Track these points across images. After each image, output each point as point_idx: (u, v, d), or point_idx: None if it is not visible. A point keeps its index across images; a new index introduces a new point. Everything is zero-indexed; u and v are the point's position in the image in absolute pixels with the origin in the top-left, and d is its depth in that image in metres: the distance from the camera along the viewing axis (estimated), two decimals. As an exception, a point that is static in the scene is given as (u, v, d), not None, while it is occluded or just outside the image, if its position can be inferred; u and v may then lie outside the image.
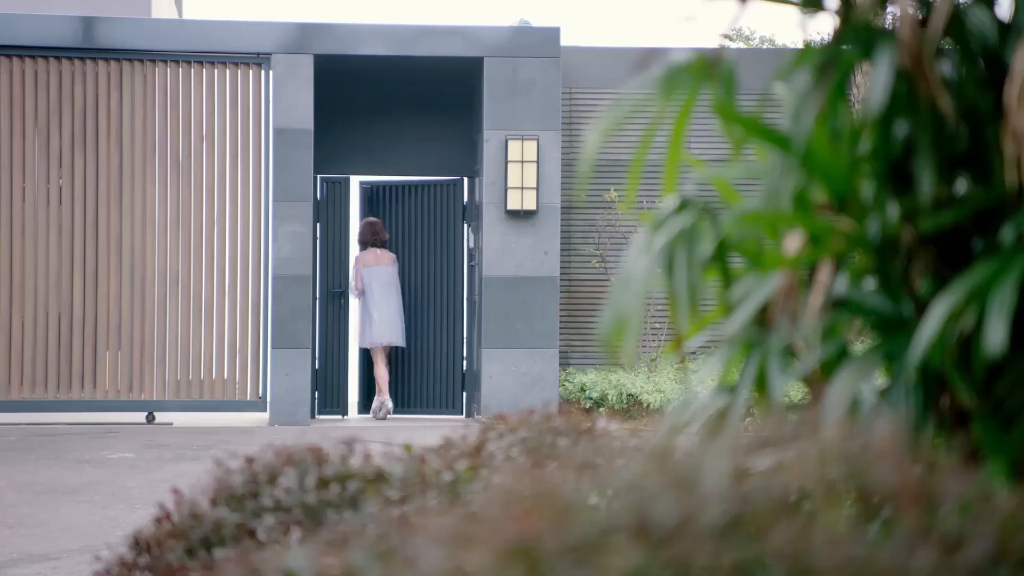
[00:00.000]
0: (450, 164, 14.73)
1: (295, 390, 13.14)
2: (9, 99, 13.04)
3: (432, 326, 14.50)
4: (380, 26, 13.39)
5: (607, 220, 14.07)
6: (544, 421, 3.38)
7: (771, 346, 2.30)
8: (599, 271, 14.13)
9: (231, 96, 13.34)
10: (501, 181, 13.36)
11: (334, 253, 14.42)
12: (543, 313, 13.34)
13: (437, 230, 14.53)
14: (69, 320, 13.09)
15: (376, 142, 14.84)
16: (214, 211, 13.29)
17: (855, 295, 2.31)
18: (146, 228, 13.19)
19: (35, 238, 13.05)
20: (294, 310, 13.20)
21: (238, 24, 13.33)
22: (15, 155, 13.04)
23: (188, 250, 13.24)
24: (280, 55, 13.19)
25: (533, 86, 13.34)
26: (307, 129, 13.21)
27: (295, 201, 13.23)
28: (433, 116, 14.85)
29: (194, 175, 13.27)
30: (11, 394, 13.00)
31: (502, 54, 13.33)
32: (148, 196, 13.19)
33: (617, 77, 13.92)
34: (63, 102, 13.11)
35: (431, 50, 13.35)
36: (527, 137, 13.31)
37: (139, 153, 13.20)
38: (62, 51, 13.07)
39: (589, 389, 13.20)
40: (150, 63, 13.23)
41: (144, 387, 13.16)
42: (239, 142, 13.34)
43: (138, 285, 13.16)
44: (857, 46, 2.16)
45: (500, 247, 13.38)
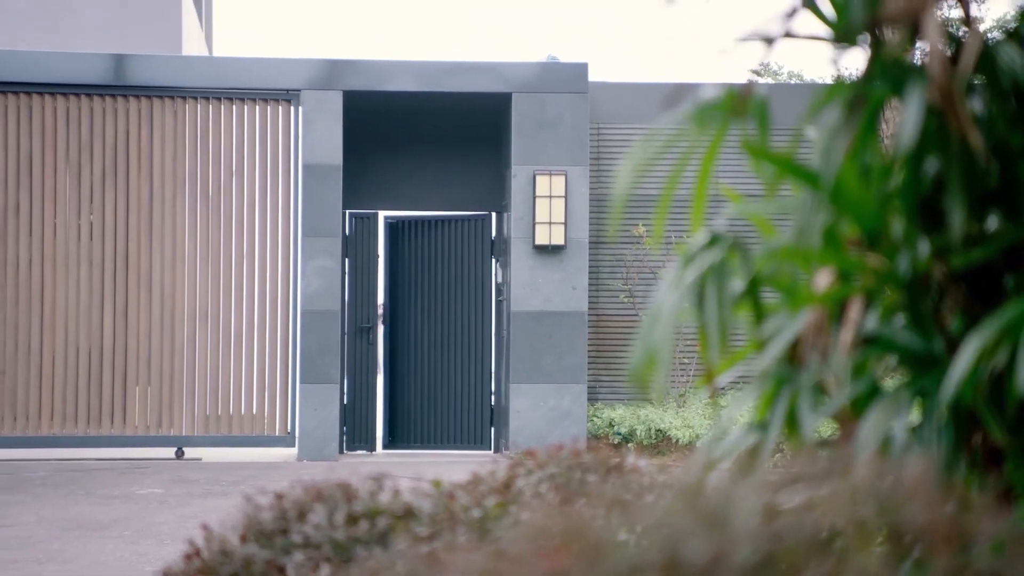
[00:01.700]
0: (478, 199, 14.76)
1: (323, 425, 13.15)
2: (41, 135, 13.14)
3: (460, 361, 14.49)
4: (408, 62, 13.45)
5: (635, 255, 14.06)
6: (573, 457, 3.38)
7: (801, 383, 2.29)
8: (627, 306, 14.11)
9: (260, 132, 13.41)
10: (529, 216, 13.38)
11: (362, 288, 14.45)
12: (571, 348, 13.32)
13: (465, 265, 14.54)
14: (99, 355, 13.14)
15: (404, 177, 14.89)
16: (243, 246, 13.34)
17: (886, 332, 2.30)
18: (176, 263, 13.25)
19: (66, 273, 13.13)
20: (322, 345, 13.22)
21: (268, 61, 13.42)
22: (47, 190, 13.13)
23: (217, 285, 13.29)
24: (309, 91, 13.26)
25: (561, 121, 13.37)
26: (336, 164, 13.26)
27: (324, 236, 13.28)
28: (461, 151, 14.89)
29: (223, 210, 13.34)
30: (41, 429, 13.05)
31: (530, 90, 13.37)
32: (178, 231, 13.26)
33: (645, 112, 13.94)
34: (94, 138, 13.20)
35: (459, 86, 13.40)
36: (555, 172, 13.33)
37: (169, 188, 13.28)
38: (94, 88, 13.17)
39: (617, 424, 13.16)
40: (180, 100, 13.32)
41: (173, 422, 13.19)
42: (268, 177, 13.41)
43: (168, 320, 13.21)
44: (887, 82, 2.16)
45: (528, 282, 13.39)
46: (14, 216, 13.07)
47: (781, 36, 2.28)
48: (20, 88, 13.11)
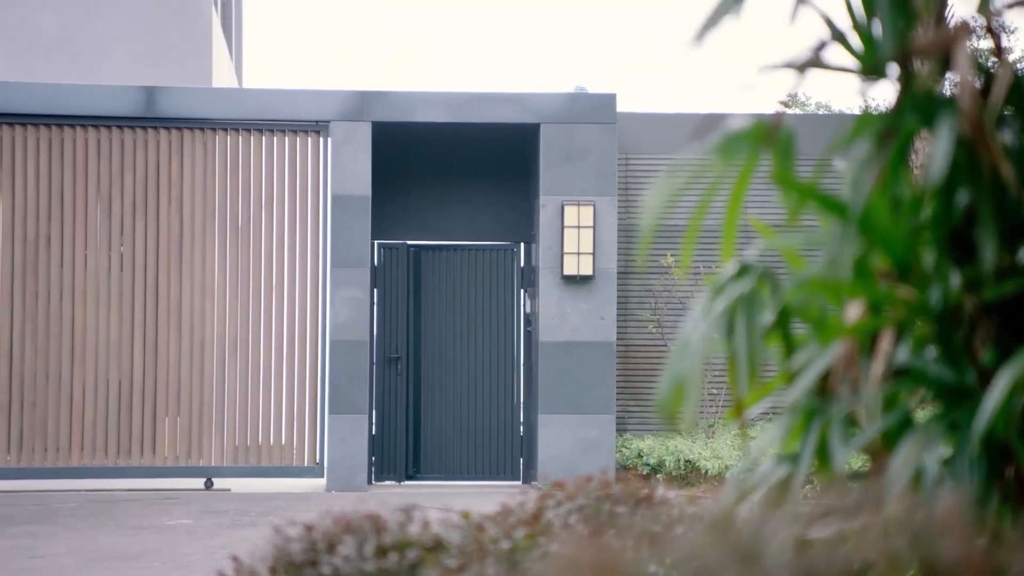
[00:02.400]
0: (507, 229, 14.77)
1: (352, 456, 13.15)
2: (72, 167, 13.23)
3: (488, 391, 14.49)
4: (437, 93, 13.50)
5: (664, 285, 14.05)
6: (602, 488, 3.37)
7: (832, 415, 2.28)
8: (656, 336, 14.09)
9: (290, 163, 13.47)
10: (557, 246, 13.39)
11: (391, 318, 14.47)
12: (600, 378, 13.30)
13: (493, 295, 14.55)
14: (129, 386, 13.19)
15: (433, 207, 14.92)
16: (272, 277, 13.38)
17: (917, 364, 2.29)
18: (205, 294, 13.30)
19: (96, 304, 13.19)
20: (351, 375, 13.24)
21: (297, 93, 13.49)
22: (78, 222, 13.21)
23: (247, 316, 13.33)
24: (338, 122, 13.32)
25: (589, 152, 13.39)
26: (365, 195, 13.31)
27: (352, 267, 13.31)
28: (490, 181, 14.92)
29: (253, 241, 13.39)
30: (71, 460, 13.10)
31: (558, 120, 13.39)
32: (208, 262, 13.31)
33: (673, 143, 13.95)
34: (125, 170, 13.28)
35: (488, 116, 13.44)
36: (583, 203, 13.35)
37: (199, 220, 13.34)
38: (124, 120, 13.26)
39: (646, 455, 13.12)
40: (211, 131, 13.40)
41: (202, 453, 13.22)
42: (297, 208, 13.46)
43: (197, 351, 13.26)
44: (918, 114, 2.16)
45: (556, 312, 13.38)
46: (45, 248, 13.14)
47: (810, 67, 2.28)
48: (52, 121, 13.20)
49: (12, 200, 13.15)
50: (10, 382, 13.07)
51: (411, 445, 14.64)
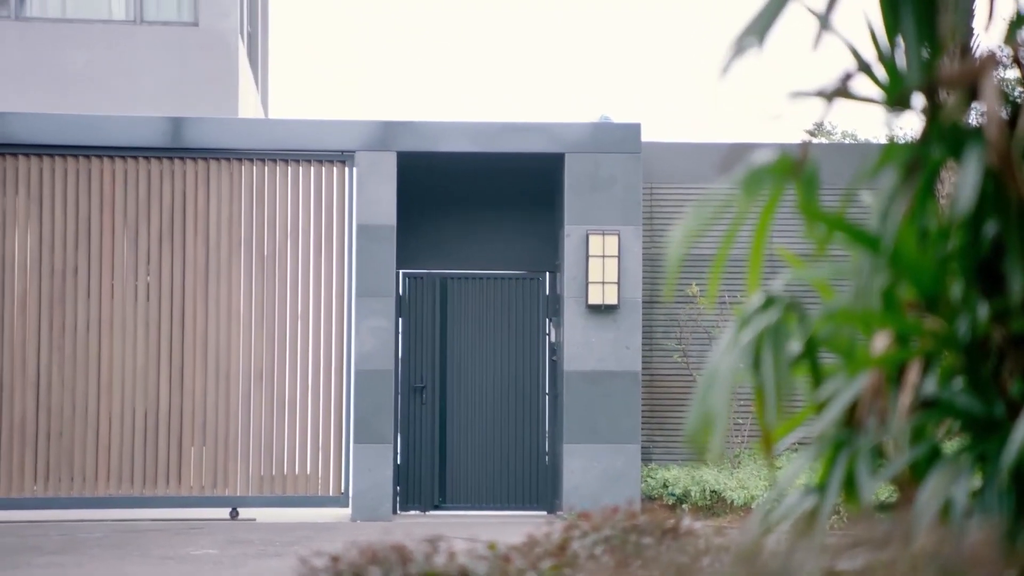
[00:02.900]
0: (531, 258, 14.78)
1: (377, 485, 13.15)
2: (100, 198, 13.31)
3: (513, 421, 14.47)
4: (462, 123, 13.54)
5: (689, 315, 14.02)
6: (628, 519, 3.36)
7: (860, 446, 2.27)
8: (681, 366, 14.06)
9: (315, 193, 13.52)
10: (582, 275, 13.39)
11: (416, 348, 14.47)
12: (625, 408, 13.28)
13: (518, 324, 14.54)
14: (155, 416, 13.22)
15: (458, 237, 14.94)
16: (298, 306, 13.42)
17: (945, 395, 2.28)
18: (231, 324, 13.34)
19: (123, 334, 13.24)
20: (376, 405, 13.25)
21: (323, 123, 13.54)
22: (104, 252, 13.27)
23: (272, 345, 13.36)
24: (364, 152, 13.36)
25: (614, 181, 13.40)
26: (390, 225, 13.34)
27: (378, 296, 13.33)
28: (514, 211, 14.94)
29: (279, 271, 13.43)
30: (98, 490, 13.12)
31: (583, 150, 13.41)
32: (233, 292, 13.36)
33: (699, 172, 13.95)
34: (152, 200, 13.35)
35: (513, 146, 13.46)
36: (608, 232, 13.35)
37: (225, 249, 13.39)
38: (152, 151, 13.34)
39: (672, 485, 13.08)
40: (237, 161, 13.46)
41: (228, 483, 13.23)
42: (323, 238, 13.50)
43: (223, 380, 13.29)
44: (945, 146, 2.16)
45: (581, 341, 13.37)
46: (72, 278, 13.21)
47: (837, 97, 2.29)
48: (80, 151, 13.29)
49: (40, 230, 13.22)
50: (37, 412, 13.11)
51: (436, 475, 14.62)
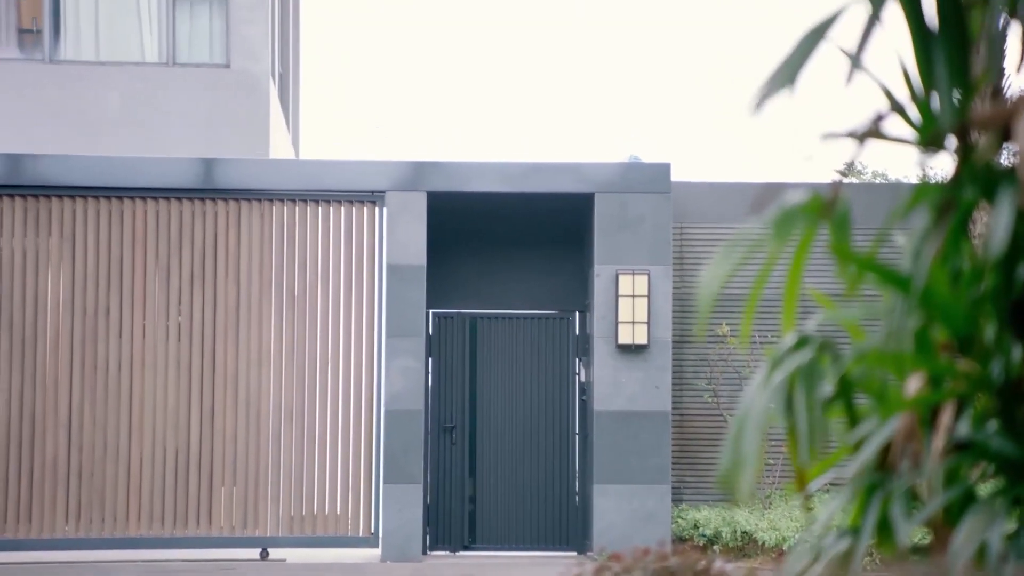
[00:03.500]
0: (561, 298, 14.77)
1: (407, 525, 13.12)
2: (132, 238, 13.38)
3: (543, 460, 14.43)
4: (492, 163, 13.57)
5: (719, 355, 13.98)
6: (659, 560, 3.35)
7: (894, 488, 2.26)
8: (711, 406, 14.01)
9: (346, 233, 13.56)
10: (612, 315, 13.37)
11: (445, 387, 14.47)
12: (655, 448, 13.23)
13: (548, 364, 14.53)
14: (186, 455, 13.24)
15: (487, 276, 14.96)
16: (328, 346, 13.44)
17: (979, 437, 2.26)
18: (262, 363, 13.37)
19: (154, 374, 13.28)
20: (406, 445, 13.24)
21: (353, 164, 13.60)
22: (136, 293, 13.34)
23: (302, 385, 13.38)
24: (394, 192, 13.41)
25: (644, 221, 13.40)
26: (420, 265, 13.36)
27: (407, 336, 13.34)
28: (544, 250, 14.95)
29: (309, 310, 13.47)
30: (129, 530, 13.14)
31: (613, 190, 13.42)
32: (264, 332, 13.39)
33: (729, 212, 13.94)
34: (183, 241, 13.42)
35: (542, 186, 13.49)
36: (638, 272, 13.34)
37: (256, 289, 13.44)
38: (183, 192, 13.42)
39: (703, 526, 13.01)
40: (268, 202, 13.53)
41: (259, 523, 13.23)
42: (353, 277, 13.53)
43: (253, 420, 13.31)
44: (977, 186, 2.16)
45: (611, 381, 13.35)
46: (104, 318, 13.27)
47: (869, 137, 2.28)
48: (112, 192, 13.38)
49: (72, 271, 13.30)
50: (69, 452, 13.16)
51: (466, 515, 14.59)
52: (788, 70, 2.13)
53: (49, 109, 16.34)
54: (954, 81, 2.17)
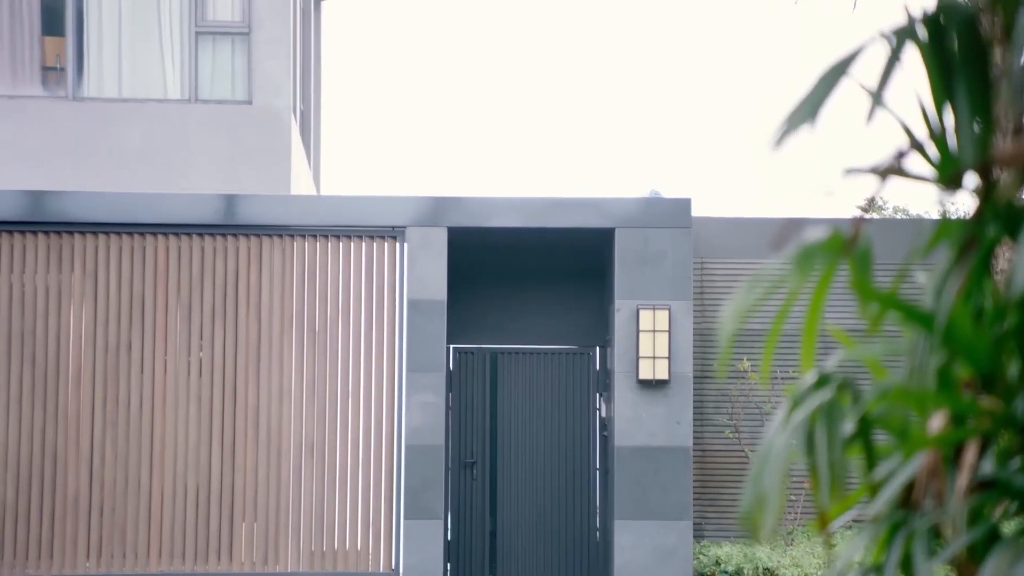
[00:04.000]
0: (581, 333, 14.76)
1: (427, 561, 13.08)
2: (154, 274, 13.43)
3: (564, 496, 14.39)
4: (512, 199, 13.59)
5: (740, 390, 13.94)
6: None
7: (917, 527, 2.24)
8: (732, 442, 13.96)
9: (367, 268, 13.59)
10: (633, 350, 13.35)
11: (466, 423, 14.45)
12: (676, 484, 13.18)
13: (568, 399, 14.51)
14: (207, 491, 13.24)
15: (508, 311, 14.96)
16: (348, 381, 13.45)
17: (1003, 476, 2.25)
18: (283, 399, 13.38)
19: (175, 410, 13.30)
20: (426, 480, 13.21)
21: (374, 199, 13.64)
22: (158, 329, 13.38)
23: (323, 420, 13.39)
24: (414, 228, 13.43)
25: (664, 256, 13.39)
26: (440, 300, 13.37)
27: (428, 371, 13.34)
28: (564, 285, 14.95)
29: (330, 346, 13.48)
30: (150, 566, 13.13)
31: (633, 225, 13.42)
32: (285, 367, 13.41)
33: (749, 247, 13.92)
34: (205, 276, 13.46)
35: (562, 221, 13.50)
36: (658, 307, 13.32)
37: (277, 325, 13.46)
38: (205, 228, 13.47)
39: (724, 563, 12.94)
40: (289, 238, 13.57)
41: (279, 558, 13.21)
42: (374, 313, 13.55)
43: (274, 456, 13.30)
44: (999, 224, 2.15)
45: (632, 416, 13.31)
46: (126, 354, 13.30)
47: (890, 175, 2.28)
48: (134, 229, 13.44)
49: (95, 307, 13.35)
50: (90, 488, 13.17)
51: (487, 550, 14.55)
52: (808, 107, 2.13)
53: (72, 146, 16.43)
54: (975, 118, 2.17)
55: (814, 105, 2.13)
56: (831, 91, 2.15)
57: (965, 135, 2.17)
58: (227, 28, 16.66)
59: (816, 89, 2.15)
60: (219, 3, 16.71)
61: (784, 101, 46.80)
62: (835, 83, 2.15)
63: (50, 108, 16.50)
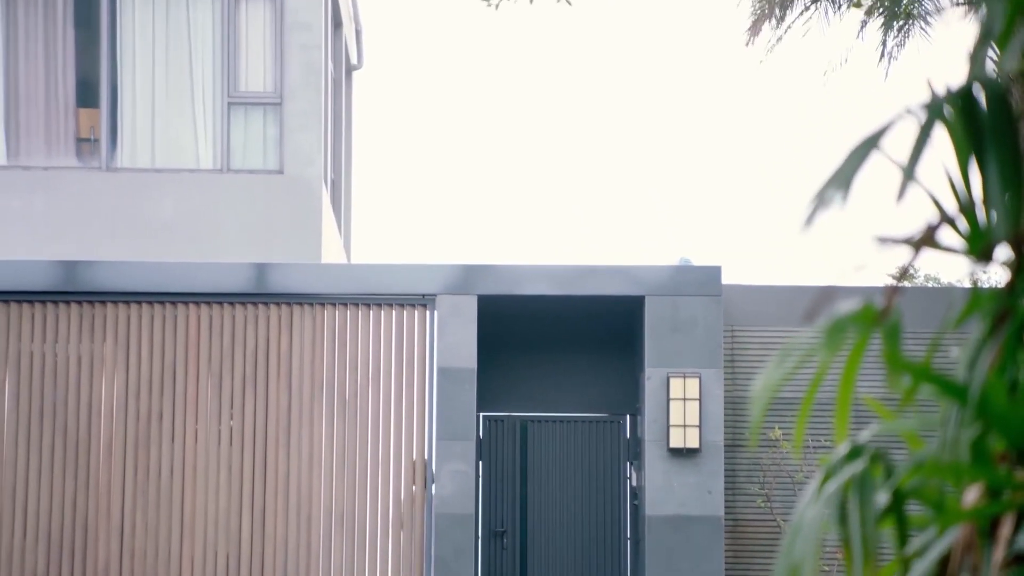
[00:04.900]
0: (611, 401, 14.73)
1: (457, 632, 12.99)
2: (185, 343, 13.49)
3: (594, 565, 14.30)
4: (542, 267, 13.62)
5: (772, 459, 13.86)
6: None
7: (953, 602, 2.23)
8: (764, 511, 13.86)
9: (397, 336, 13.61)
10: (663, 418, 13.30)
11: (496, 491, 14.40)
12: (708, 553, 13.08)
13: (599, 467, 14.45)
14: (237, 559, 13.21)
15: (537, 379, 14.95)
16: (379, 449, 13.43)
17: (1039, 549, 2.23)
18: (312, 467, 13.37)
19: (205, 478, 13.31)
20: (456, 549, 13.15)
21: (404, 267, 13.69)
22: (189, 398, 13.42)
23: (353, 488, 13.36)
24: (445, 296, 13.47)
25: (695, 324, 13.37)
26: (470, 368, 13.37)
27: (458, 440, 13.32)
28: (594, 353, 14.94)
29: (360, 413, 13.48)
30: (178, 634, 13.08)
31: (663, 292, 13.42)
32: (315, 435, 13.41)
33: (780, 315, 13.89)
34: (236, 345, 13.50)
35: (592, 289, 13.51)
36: (689, 375, 13.29)
37: (307, 393, 13.48)
38: (236, 296, 13.53)
39: (758, 633, 12.82)
40: (319, 306, 13.61)
41: (308, 628, 13.14)
42: (404, 381, 13.55)
43: (304, 524, 13.28)
44: (1030, 297, 2.15)
45: (663, 485, 13.24)
46: (157, 423, 13.34)
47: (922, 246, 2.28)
48: (166, 298, 13.51)
49: (127, 376, 13.41)
50: (121, 557, 13.16)
51: (517, 621, 14.45)
52: (839, 182, 2.14)
53: (105, 216, 16.58)
54: (1006, 191, 2.18)
55: (844, 180, 2.14)
56: (861, 166, 2.16)
57: (996, 208, 2.18)
58: (259, 99, 16.83)
59: (846, 164, 2.17)
60: (251, 74, 16.90)
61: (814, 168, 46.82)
62: (865, 158, 2.17)
63: (84, 179, 16.66)
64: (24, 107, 16.63)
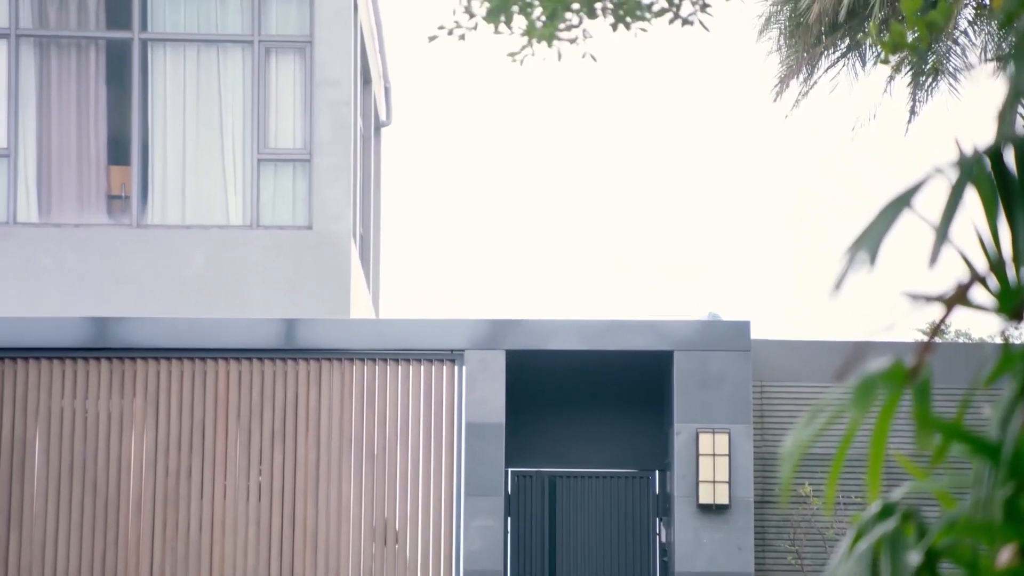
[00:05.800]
0: (640, 456, 14.68)
1: None
2: (215, 399, 13.52)
3: (625, 623, 14.19)
4: (570, 321, 13.62)
5: (802, 515, 13.77)
6: None
7: (987, 663, 2.21)
8: (795, 568, 13.75)
9: (425, 391, 13.62)
10: (692, 474, 13.25)
11: (525, 547, 14.34)
12: (739, 610, 12.97)
13: (628, 523, 14.38)
14: (264, 616, 13.17)
15: (566, 434, 14.91)
16: (407, 505, 13.41)
17: (1074, 609, 2.22)
18: (341, 522, 13.35)
19: (234, 534, 13.30)
20: (485, 606, 13.08)
21: (432, 323, 13.71)
22: (218, 454, 13.43)
23: (382, 543, 13.33)
24: (473, 351, 13.47)
25: (724, 379, 13.34)
26: (499, 423, 13.36)
27: (486, 495, 13.29)
28: (623, 408, 14.90)
29: (388, 469, 13.47)
30: None
31: (692, 347, 13.40)
32: (344, 490, 13.40)
33: (810, 370, 13.85)
34: (264, 401, 13.53)
35: (621, 344, 13.49)
36: (718, 430, 13.24)
37: (336, 448, 13.48)
38: (265, 352, 13.57)
39: None
40: (348, 361, 13.64)
41: None
42: (432, 436, 13.55)
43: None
44: (1062, 356, 2.14)
45: (692, 541, 13.17)
46: (186, 480, 13.35)
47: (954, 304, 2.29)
48: (196, 354, 13.56)
49: (156, 432, 13.44)
50: (148, 613, 13.14)
51: None
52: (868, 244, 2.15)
53: (135, 273, 16.67)
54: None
55: (874, 242, 2.15)
56: (891, 227, 2.17)
57: (1026, 268, 2.18)
58: (288, 155, 16.93)
59: (875, 225, 2.17)
60: (281, 130, 17.01)
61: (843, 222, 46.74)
62: (895, 218, 2.17)
63: (115, 236, 16.77)
64: (56, 165, 16.78)
